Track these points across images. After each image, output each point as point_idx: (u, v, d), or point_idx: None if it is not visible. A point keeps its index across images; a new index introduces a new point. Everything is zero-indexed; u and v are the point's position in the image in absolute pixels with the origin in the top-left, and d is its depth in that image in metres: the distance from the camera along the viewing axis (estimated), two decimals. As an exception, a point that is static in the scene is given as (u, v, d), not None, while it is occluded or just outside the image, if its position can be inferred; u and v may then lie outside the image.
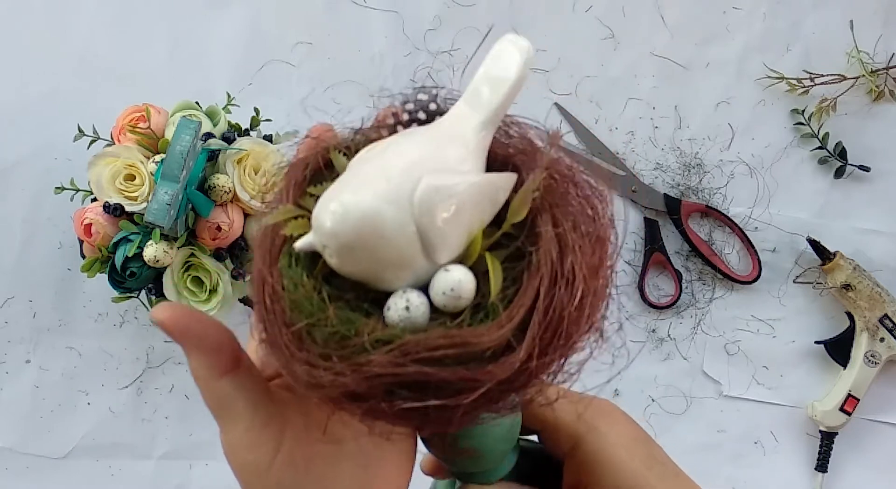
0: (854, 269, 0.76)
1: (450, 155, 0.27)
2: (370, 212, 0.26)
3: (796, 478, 0.78)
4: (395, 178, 0.26)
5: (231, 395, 0.29)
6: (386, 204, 0.26)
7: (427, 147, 0.27)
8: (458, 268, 0.27)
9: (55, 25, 0.75)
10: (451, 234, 0.27)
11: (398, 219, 0.26)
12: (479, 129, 0.28)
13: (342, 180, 0.28)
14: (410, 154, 0.27)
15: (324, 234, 0.26)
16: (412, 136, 0.29)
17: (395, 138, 0.29)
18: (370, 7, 0.76)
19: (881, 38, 0.79)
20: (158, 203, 0.57)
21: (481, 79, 0.29)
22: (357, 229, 0.26)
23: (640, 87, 0.79)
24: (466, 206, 0.27)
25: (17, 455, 0.74)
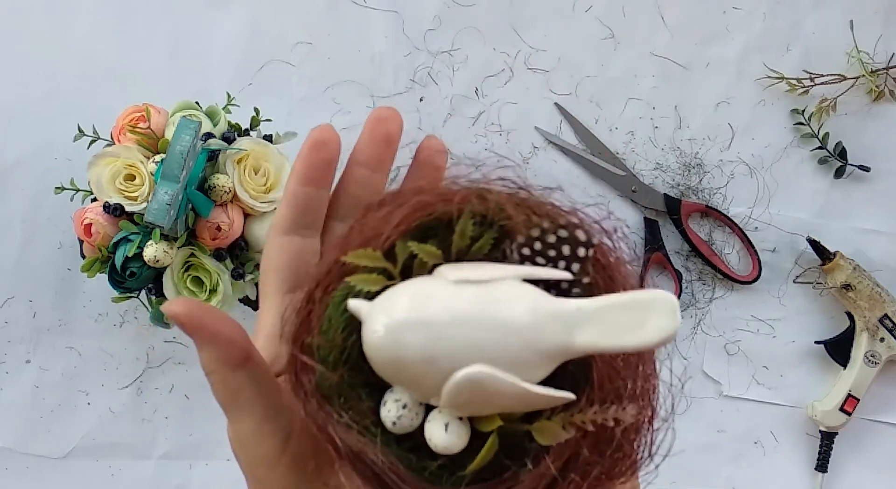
0: (854, 269, 0.76)
1: (529, 353, 0.26)
2: (408, 354, 0.26)
3: (796, 478, 0.78)
4: (458, 342, 0.26)
5: (244, 388, 0.29)
6: (426, 359, 0.26)
7: (514, 334, 0.26)
8: (453, 430, 0.27)
9: (55, 25, 0.75)
10: (468, 409, 0.27)
11: (431, 373, 0.26)
12: (576, 352, 0.27)
13: (422, 291, 0.27)
14: (496, 331, 0.26)
15: (368, 325, 0.27)
16: (520, 301, 0.27)
17: (506, 284, 0.27)
18: (370, 7, 0.76)
19: (881, 38, 0.79)
20: (158, 203, 0.57)
21: (624, 307, 0.27)
22: (393, 347, 0.26)
23: (640, 87, 0.79)
24: (500, 399, 0.26)
25: (17, 455, 0.74)
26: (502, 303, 0.27)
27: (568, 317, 0.27)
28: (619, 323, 0.27)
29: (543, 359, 0.27)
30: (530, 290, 0.27)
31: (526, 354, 0.26)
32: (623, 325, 0.26)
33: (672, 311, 0.26)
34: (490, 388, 0.26)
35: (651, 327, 0.26)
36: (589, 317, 0.27)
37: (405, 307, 0.26)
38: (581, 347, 0.27)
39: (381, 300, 0.27)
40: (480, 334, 0.26)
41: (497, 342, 0.26)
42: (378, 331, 0.26)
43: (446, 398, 0.26)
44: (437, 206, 0.29)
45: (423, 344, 0.26)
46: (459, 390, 0.26)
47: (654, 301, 0.26)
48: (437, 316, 0.26)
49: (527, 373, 0.26)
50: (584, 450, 0.27)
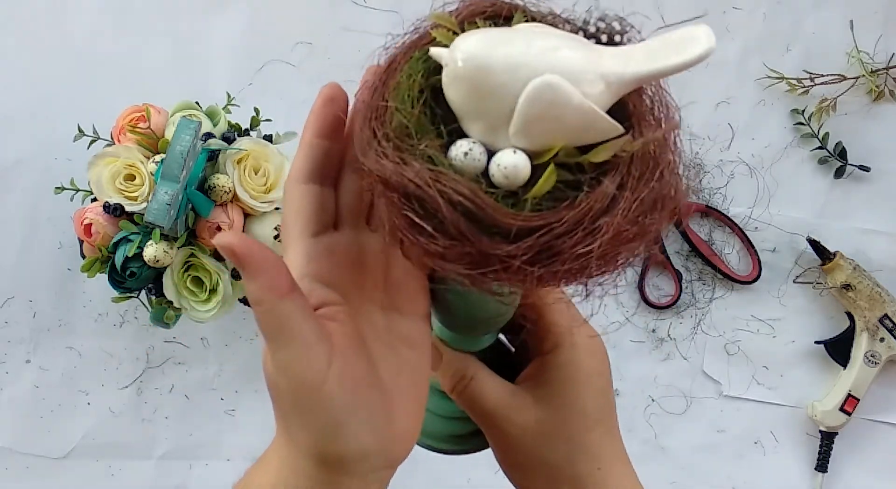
0: (854, 269, 0.76)
1: (589, 77, 0.29)
2: (491, 67, 0.28)
3: (796, 478, 0.78)
4: (534, 57, 0.28)
5: (290, 315, 0.31)
6: (509, 70, 0.28)
7: (580, 59, 0.29)
8: (522, 155, 0.29)
9: (55, 26, 0.75)
10: (537, 128, 0.29)
11: (509, 88, 0.28)
12: (630, 79, 0.29)
13: (503, 31, 0.30)
14: (565, 51, 0.29)
15: (449, 57, 0.29)
16: (581, 43, 0.30)
17: (570, 35, 0.31)
18: (370, 7, 0.76)
19: (881, 38, 0.79)
20: (158, 203, 0.57)
21: (665, 43, 0.30)
22: (472, 72, 0.29)
23: (640, 87, 0.79)
24: (565, 119, 0.28)
25: (17, 455, 0.74)
26: (564, 34, 0.30)
27: (622, 51, 0.30)
28: (664, 51, 0.30)
29: (602, 85, 0.29)
30: (588, 44, 0.30)
31: (590, 75, 0.29)
32: (668, 52, 0.30)
33: (707, 34, 0.30)
34: (562, 102, 0.28)
35: (692, 50, 0.30)
36: (638, 49, 0.30)
37: (484, 37, 0.29)
38: (633, 73, 0.29)
39: (463, 36, 0.30)
40: (555, 52, 0.29)
41: (568, 60, 0.29)
42: (466, 57, 0.29)
43: (521, 108, 0.28)
44: (495, 4, 0.32)
45: (506, 56, 0.28)
46: (534, 99, 0.28)
47: (695, 32, 0.30)
48: (515, 39, 0.29)
49: (589, 98, 0.29)
50: (633, 171, 0.29)
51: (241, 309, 0.71)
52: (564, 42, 0.30)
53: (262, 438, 0.79)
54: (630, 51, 0.30)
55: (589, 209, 0.28)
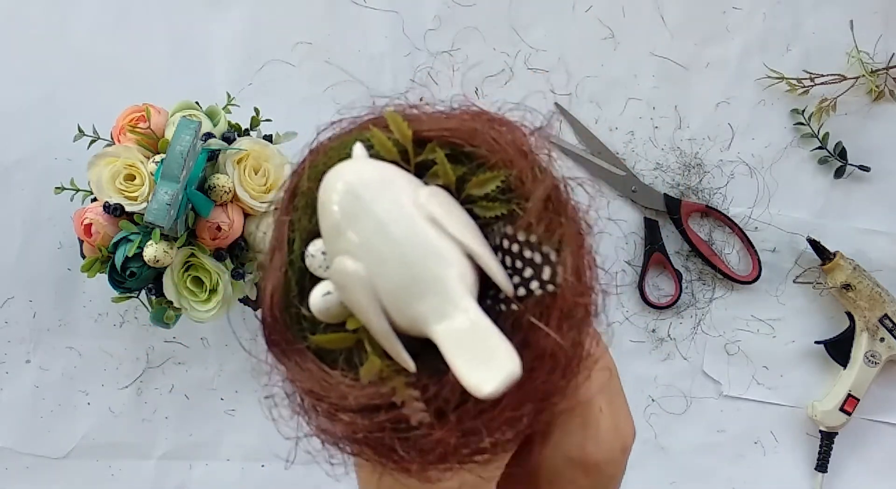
0: (854, 269, 0.76)
1: (410, 282, 0.29)
2: (332, 211, 0.30)
3: (796, 478, 0.78)
4: (366, 240, 0.29)
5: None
6: (334, 227, 0.30)
7: (413, 266, 0.29)
8: (320, 297, 0.31)
9: (55, 25, 0.75)
10: (341, 298, 0.31)
11: (338, 243, 0.30)
12: (431, 333, 0.29)
13: (393, 189, 0.30)
14: (402, 262, 0.29)
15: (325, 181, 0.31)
16: (447, 258, 0.29)
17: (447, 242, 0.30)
18: (370, 7, 0.76)
19: (881, 38, 0.79)
20: (158, 203, 0.57)
21: (475, 344, 0.28)
22: (325, 209, 0.30)
23: (640, 87, 0.79)
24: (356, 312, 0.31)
25: (17, 455, 0.74)
26: (430, 252, 0.29)
27: (451, 298, 0.29)
28: (469, 345, 0.28)
29: (416, 295, 0.29)
30: (466, 268, 0.29)
31: (406, 280, 0.29)
32: (475, 357, 0.28)
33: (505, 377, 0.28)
34: (352, 297, 0.29)
35: (483, 373, 0.28)
36: (462, 329, 0.28)
37: (368, 180, 0.30)
38: (432, 334, 0.29)
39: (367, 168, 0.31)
40: (386, 251, 0.29)
41: (392, 271, 0.29)
42: (337, 187, 0.30)
43: (332, 268, 0.29)
44: (478, 138, 0.32)
45: (340, 218, 0.29)
46: (336, 275, 0.29)
47: (499, 355, 0.28)
48: (378, 212, 0.29)
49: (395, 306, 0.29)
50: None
51: (241, 309, 0.71)
52: (424, 250, 0.29)
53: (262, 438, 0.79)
54: (462, 314, 0.29)
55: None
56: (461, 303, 0.28)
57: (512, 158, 0.31)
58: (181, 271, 0.63)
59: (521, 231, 0.29)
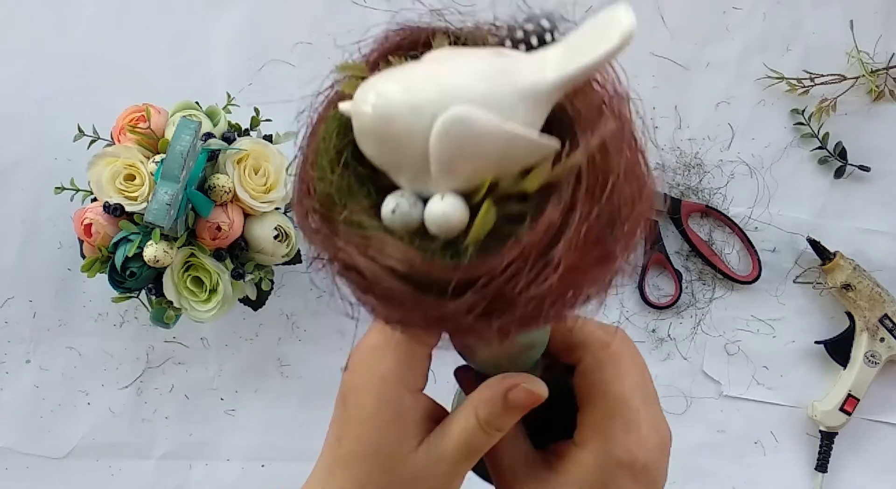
0: (854, 269, 0.76)
1: (506, 93, 0.26)
2: (394, 112, 0.25)
3: (796, 478, 0.78)
4: (437, 90, 0.25)
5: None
6: (413, 111, 0.25)
7: (489, 77, 0.26)
8: (451, 200, 0.26)
9: (55, 25, 0.75)
10: (460, 167, 0.26)
11: (419, 130, 0.25)
12: (549, 89, 0.26)
13: (407, 69, 0.27)
14: (470, 75, 0.26)
15: (355, 110, 0.27)
16: (488, 58, 0.27)
17: (475, 52, 0.28)
18: (370, 7, 0.76)
19: (881, 38, 0.79)
20: (158, 203, 0.57)
21: (582, 35, 0.27)
22: (377, 122, 0.26)
23: (640, 87, 0.78)
24: (487, 149, 0.25)
25: (17, 455, 0.74)
26: (473, 55, 0.27)
27: (537, 56, 0.27)
28: (581, 45, 0.27)
29: (523, 102, 0.26)
30: (496, 56, 0.27)
31: (506, 96, 0.26)
32: (585, 46, 0.27)
33: (626, 13, 0.26)
34: (476, 132, 0.25)
35: (611, 35, 0.26)
36: (556, 49, 0.27)
37: (386, 79, 0.27)
38: (551, 82, 0.26)
39: (366, 84, 0.27)
40: (459, 79, 0.26)
41: (476, 85, 0.26)
42: (366, 108, 0.26)
43: (434, 150, 0.25)
44: (412, 33, 0.30)
45: (407, 96, 0.26)
46: (444, 138, 0.25)
47: (613, 14, 0.26)
48: (416, 75, 0.26)
49: (513, 119, 0.26)
50: (579, 194, 0.26)
51: (241, 309, 0.71)
52: (474, 64, 0.26)
53: (262, 438, 0.79)
54: (546, 54, 0.27)
55: (532, 244, 0.25)
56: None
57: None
58: (181, 271, 0.63)
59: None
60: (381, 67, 0.29)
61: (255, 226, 0.65)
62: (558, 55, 0.27)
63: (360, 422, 0.36)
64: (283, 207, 0.68)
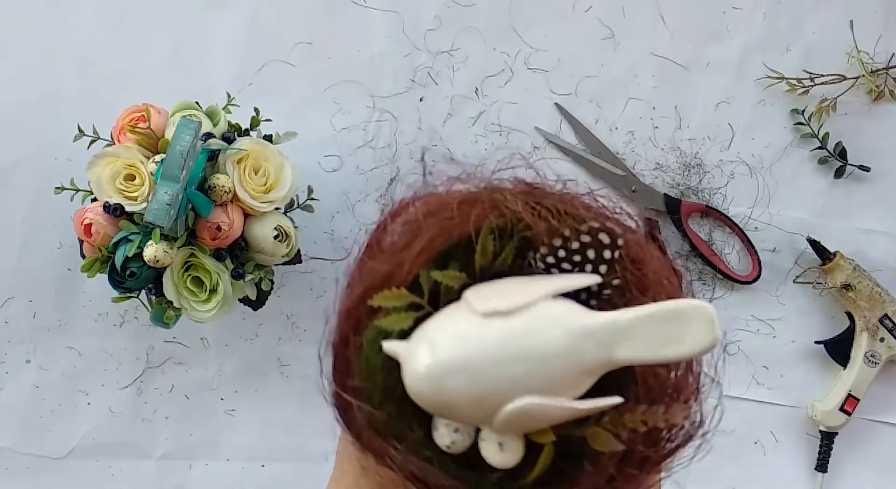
0: (854, 269, 0.76)
1: (575, 373, 0.27)
2: (454, 385, 0.26)
3: (796, 478, 0.78)
4: (504, 381, 0.26)
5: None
6: (472, 402, 0.26)
7: (557, 363, 0.27)
8: (510, 450, 0.28)
9: (55, 25, 0.75)
10: (523, 428, 0.27)
11: (480, 411, 0.27)
12: (619, 363, 0.27)
13: (455, 332, 0.27)
14: (538, 362, 0.26)
15: (408, 359, 0.27)
16: (553, 328, 0.27)
17: (536, 309, 0.28)
18: (370, 7, 0.76)
19: (881, 38, 0.79)
20: (158, 203, 0.57)
21: (659, 325, 0.27)
22: (432, 400, 0.27)
23: (640, 87, 0.79)
24: (551, 419, 0.27)
25: (17, 455, 0.74)
26: (535, 332, 0.27)
27: (604, 334, 0.27)
28: (657, 336, 0.27)
29: (585, 376, 0.27)
30: (561, 310, 0.28)
31: (567, 377, 0.27)
32: (661, 338, 0.27)
33: (710, 322, 0.27)
34: (539, 414, 0.26)
35: (690, 340, 0.27)
36: (626, 332, 0.27)
37: (443, 353, 0.27)
38: (621, 361, 0.27)
39: (417, 341, 0.28)
40: (521, 368, 0.26)
41: (538, 372, 0.26)
42: (420, 376, 0.27)
43: (499, 427, 0.27)
44: (455, 231, 0.29)
45: (466, 388, 0.26)
46: (510, 421, 0.26)
47: (692, 312, 0.27)
48: (474, 359, 0.27)
49: (571, 391, 0.27)
50: (638, 445, 0.28)
51: (241, 309, 0.71)
52: (533, 336, 0.27)
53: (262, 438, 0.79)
54: (616, 326, 0.27)
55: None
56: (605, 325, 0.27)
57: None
58: (181, 271, 0.63)
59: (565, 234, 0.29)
60: (422, 277, 0.29)
61: (255, 226, 0.65)
62: (629, 334, 0.27)
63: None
64: (282, 207, 0.68)
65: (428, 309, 0.29)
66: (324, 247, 0.76)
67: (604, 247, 0.29)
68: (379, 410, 0.29)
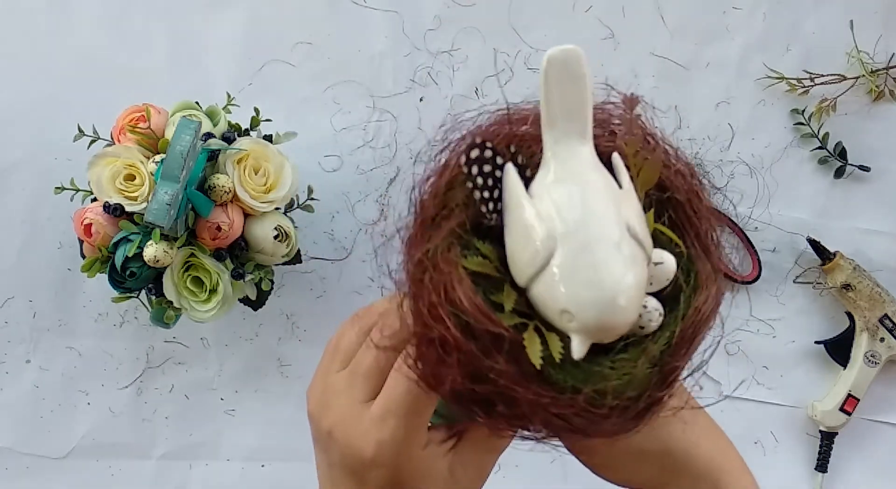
0: (854, 269, 0.76)
1: (623, 203, 0.33)
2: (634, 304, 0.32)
3: (796, 478, 0.78)
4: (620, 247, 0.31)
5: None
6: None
7: (611, 201, 0.32)
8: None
9: (55, 25, 0.75)
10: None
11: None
12: (592, 152, 0.33)
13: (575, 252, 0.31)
14: (610, 210, 0.32)
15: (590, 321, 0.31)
16: (598, 187, 0.32)
17: (578, 181, 0.33)
18: (370, 7, 0.76)
19: (881, 38, 0.79)
20: (158, 203, 0.57)
21: (557, 108, 0.33)
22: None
23: (640, 87, 0.79)
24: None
25: (17, 455, 0.74)
26: (601, 194, 0.33)
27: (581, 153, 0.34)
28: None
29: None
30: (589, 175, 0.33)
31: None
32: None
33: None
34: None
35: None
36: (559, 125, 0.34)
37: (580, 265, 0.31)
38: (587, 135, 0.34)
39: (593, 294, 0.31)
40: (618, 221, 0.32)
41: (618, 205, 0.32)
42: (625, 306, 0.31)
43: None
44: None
45: (637, 280, 0.31)
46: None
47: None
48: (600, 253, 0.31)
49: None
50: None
51: (241, 309, 0.71)
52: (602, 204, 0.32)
53: (262, 438, 0.79)
54: (566, 147, 0.34)
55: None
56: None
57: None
58: (181, 271, 0.63)
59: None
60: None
61: (255, 226, 0.65)
62: (567, 129, 0.33)
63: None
64: (282, 207, 0.68)
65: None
66: (324, 247, 0.76)
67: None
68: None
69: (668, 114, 0.78)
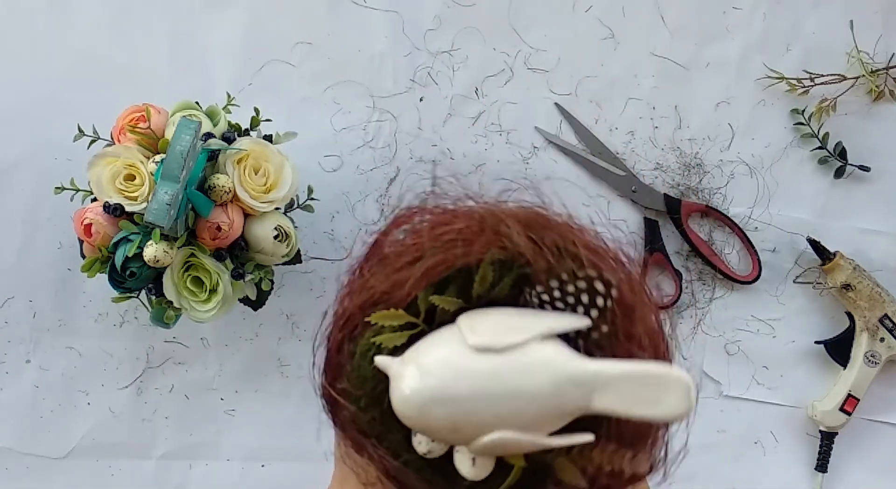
0: (854, 269, 0.76)
1: (551, 417, 0.28)
2: (434, 424, 0.28)
3: (796, 478, 0.78)
4: (480, 414, 0.28)
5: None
6: (451, 429, 0.28)
7: (542, 404, 0.28)
8: (480, 465, 0.29)
9: (55, 25, 0.75)
10: (496, 453, 0.29)
11: (458, 437, 0.29)
12: (595, 411, 0.29)
13: (446, 362, 0.29)
14: (524, 401, 0.28)
15: (397, 377, 0.29)
16: (541, 372, 0.29)
17: (527, 350, 0.29)
18: (370, 7, 0.76)
19: (881, 38, 0.79)
20: (158, 203, 0.57)
21: (639, 384, 0.29)
22: (415, 421, 0.29)
23: (640, 87, 0.79)
24: (523, 449, 0.29)
25: (17, 455, 0.74)
26: (523, 373, 0.28)
27: (587, 382, 0.28)
28: (635, 394, 0.28)
29: (563, 417, 0.29)
30: (551, 353, 0.29)
31: (546, 416, 0.28)
32: (639, 397, 0.28)
33: (686, 393, 0.28)
34: (513, 445, 0.28)
35: (666, 405, 0.28)
36: (608, 384, 0.28)
37: (430, 381, 0.28)
38: (598, 410, 0.28)
39: (407, 360, 0.29)
40: (503, 405, 0.28)
41: (519, 410, 0.28)
42: (405, 397, 0.29)
43: (474, 451, 0.29)
44: (457, 261, 0.31)
45: (447, 416, 0.28)
46: (485, 449, 0.28)
47: (670, 379, 0.28)
48: (460, 391, 0.28)
49: (547, 428, 0.28)
50: (602, 480, 0.30)
51: (241, 309, 0.71)
52: (521, 378, 0.28)
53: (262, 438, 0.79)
54: (598, 377, 0.29)
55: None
56: (589, 369, 0.28)
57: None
58: (181, 271, 0.63)
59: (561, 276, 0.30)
60: (420, 301, 0.31)
61: (255, 226, 0.65)
62: (609, 387, 0.28)
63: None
64: (282, 207, 0.68)
65: (423, 327, 0.31)
66: (324, 247, 0.76)
67: (598, 295, 0.30)
68: (364, 413, 0.31)
69: (668, 114, 0.79)
